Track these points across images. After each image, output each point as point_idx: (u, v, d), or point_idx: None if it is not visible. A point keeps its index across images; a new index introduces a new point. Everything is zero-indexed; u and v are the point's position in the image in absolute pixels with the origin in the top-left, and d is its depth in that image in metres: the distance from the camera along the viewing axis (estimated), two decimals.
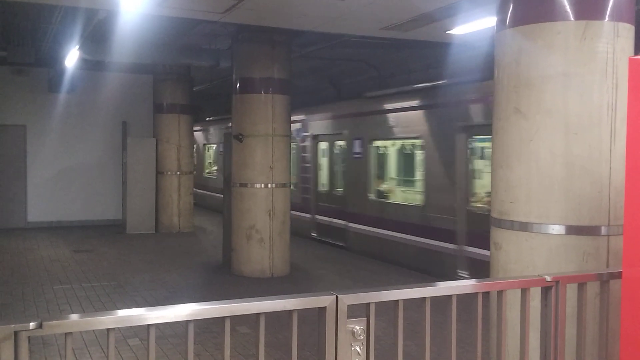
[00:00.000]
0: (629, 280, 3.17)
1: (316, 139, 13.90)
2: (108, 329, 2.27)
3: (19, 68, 13.88)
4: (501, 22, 4.44)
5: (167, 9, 7.21)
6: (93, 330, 4.77)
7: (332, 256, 11.56)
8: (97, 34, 9.79)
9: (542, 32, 4.14)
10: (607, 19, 4.07)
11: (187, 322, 2.40)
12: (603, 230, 4.03)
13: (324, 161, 13.98)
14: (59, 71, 13.33)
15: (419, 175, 10.80)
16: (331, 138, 13.48)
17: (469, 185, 9.32)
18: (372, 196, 11.85)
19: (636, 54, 4.12)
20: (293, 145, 14.59)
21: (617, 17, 4.09)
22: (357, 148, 12.25)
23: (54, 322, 2.17)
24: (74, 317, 2.28)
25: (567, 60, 4.07)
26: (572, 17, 4.07)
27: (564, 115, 4.07)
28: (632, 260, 3.17)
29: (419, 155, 10.64)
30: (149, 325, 2.33)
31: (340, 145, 13.13)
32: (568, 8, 4.08)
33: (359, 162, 12.14)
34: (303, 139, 14.33)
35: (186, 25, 9.95)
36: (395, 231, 10.98)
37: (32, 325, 2.11)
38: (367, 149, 11.93)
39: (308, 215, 13.95)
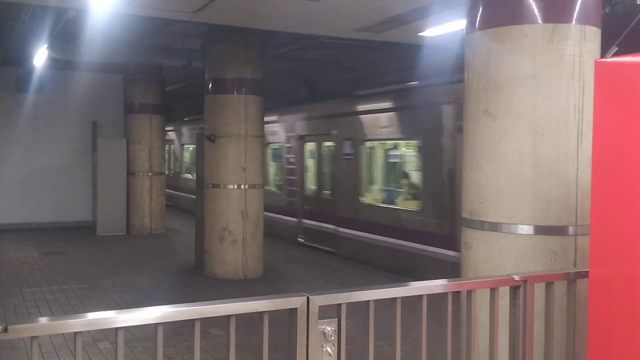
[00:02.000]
0: (595, 280, 3.23)
1: None
2: (75, 333, 2.24)
3: None
4: (471, 24, 4.49)
5: (137, 7, 7.14)
6: (62, 334, 4.70)
7: (305, 258, 11.55)
8: (67, 33, 9.65)
9: (511, 34, 4.20)
10: (574, 22, 4.14)
11: (156, 324, 2.38)
12: (570, 230, 4.10)
13: None
14: (27, 70, 13.09)
15: None
16: None
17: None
18: None
19: (602, 56, 4.20)
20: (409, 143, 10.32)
21: (584, 20, 4.16)
22: None
23: (19, 326, 2.14)
24: (40, 320, 2.24)
25: (535, 63, 4.13)
26: (540, 20, 4.14)
27: (532, 117, 4.13)
28: (598, 259, 3.22)
29: None
30: (117, 328, 2.31)
31: None
32: (536, 11, 4.14)
33: None
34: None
35: (157, 24, 9.85)
36: None
37: None
38: None
39: (451, 254, 8.76)
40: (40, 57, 10.92)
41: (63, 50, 10.57)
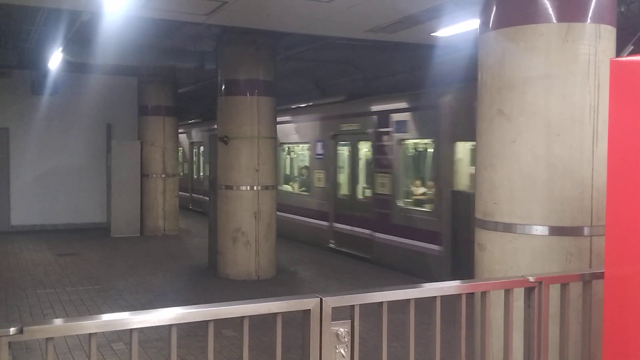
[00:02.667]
0: (611, 281, 3.19)
1: None
2: (90, 334, 2.25)
3: (1, 70, 13.72)
4: (484, 24, 4.46)
5: (150, 10, 7.17)
6: (77, 335, 4.74)
7: (318, 259, 11.55)
8: (81, 36, 9.72)
9: (525, 34, 4.17)
10: (589, 21, 4.11)
11: (170, 326, 2.38)
12: (586, 230, 4.06)
13: None
14: (42, 73, 13.21)
15: None
16: None
17: None
18: None
19: (618, 55, 4.16)
20: None
21: (598, 19, 4.12)
22: None
23: (34, 327, 2.15)
24: (55, 322, 2.26)
25: (550, 62, 4.10)
26: (554, 20, 4.11)
27: (546, 116, 4.10)
28: (614, 260, 3.19)
29: None
30: (131, 329, 2.32)
31: None
32: (550, 10, 4.11)
33: None
34: None
35: (170, 27, 9.90)
36: None
37: (12, 330, 2.08)
38: None
39: None
40: (55, 60, 11.01)
41: (77, 53, 10.65)
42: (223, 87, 9.77)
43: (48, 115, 14.55)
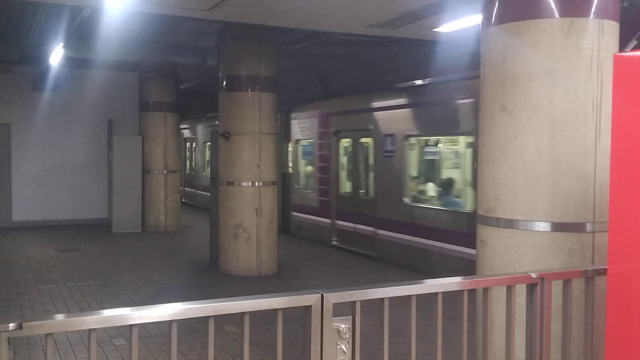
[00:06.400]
0: (614, 277, 3.18)
1: None
2: (90, 330, 2.24)
3: (3, 66, 13.72)
4: (487, 19, 4.44)
5: (152, 5, 7.15)
6: (78, 331, 4.74)
7: (320, 255, 11.54)
8: (82, 32, 9.71)
9: (528, 29, 4.14)
10: (592, 16, 4.08)
11: (170, 322, 2.38)
12: (588, 226, 4.04)
13: None
14: (44, 69, 13.21)
15: None
16: None
17: None
18: None
19: (621, 51, 4.14)
20: None
21: (602, 14, 4.10)
22: None
23: (34, 323, 2.14)
24: (55, 317, 2.25)
25: (553, 58, 4.07)
26: (557, 15, 4.08)
27: (550, 112, 4.08)
28: (617, 256, 3.17)
29: None
30: (131, 325, 2.31)
31: None
32: (553, 5, 4.09)
33: None
34: None
35: (172, 22, 9.89)
36: None
37: (11, 326, 2.08)
38: None
39: None
40: (56, 56, 11.00)
41: (79, 48, 10.64)
42: (225, 82, 9.75)
43: (49, 111, 14.55)
